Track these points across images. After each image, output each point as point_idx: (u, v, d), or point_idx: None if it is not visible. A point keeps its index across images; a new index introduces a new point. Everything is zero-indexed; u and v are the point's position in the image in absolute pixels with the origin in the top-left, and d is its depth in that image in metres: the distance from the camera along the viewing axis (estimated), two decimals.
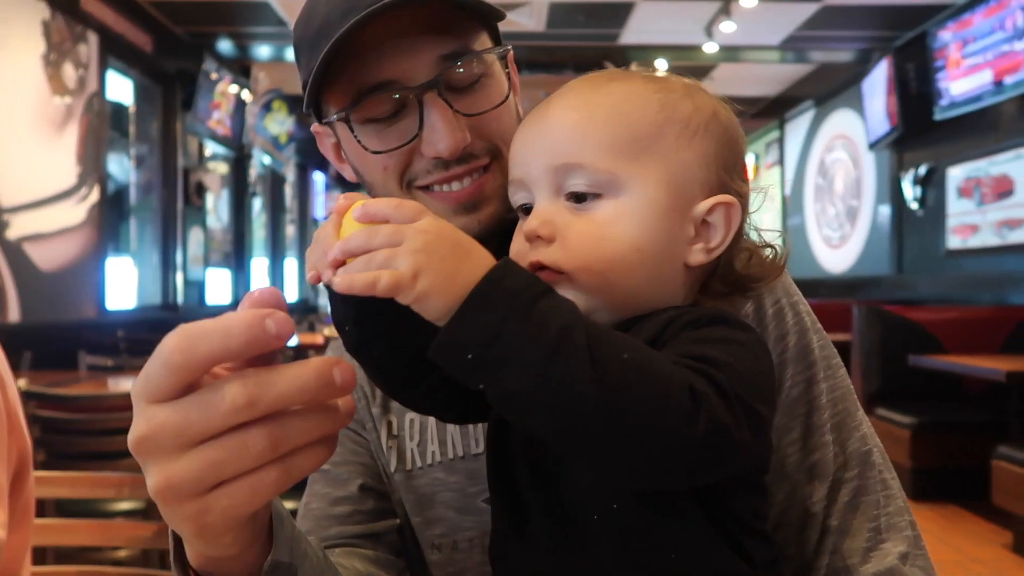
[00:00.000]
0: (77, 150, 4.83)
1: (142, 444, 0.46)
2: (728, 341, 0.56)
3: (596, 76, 0.66)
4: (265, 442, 0.45)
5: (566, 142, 0.61)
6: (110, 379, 3.43)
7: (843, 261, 7.89)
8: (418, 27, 0.72)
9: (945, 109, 5.70)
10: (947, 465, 4.17)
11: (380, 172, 0.77)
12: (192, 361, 0.45)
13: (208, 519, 0.47)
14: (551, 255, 0.60)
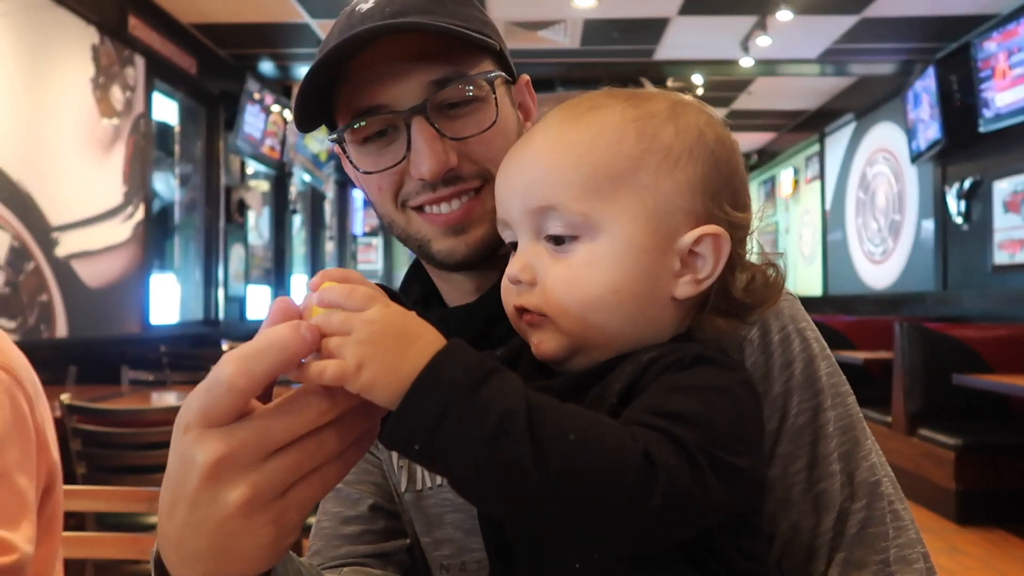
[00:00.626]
0: (124, 170, 4.98)
1: (221, 465, 0.49)
2: (708, 389, 0.55)
3: (574, 105, 0.65)
4: (337, 438, 0.50)
5: (540, 184, 0.61)
6: (152, 394, 3.52)
7: (885, 277, 7.73)
8: (410, 53, 0.75)
9: (990, 121, 5.57)
10: (993, 488, 4.04)
11: (376, 192, 0.80)
12: (256, 382, 0.49)
13: (289, 516, 0.50)
14: (532, 300, 0.61)
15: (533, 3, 5.53)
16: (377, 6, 0.76)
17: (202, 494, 0.49)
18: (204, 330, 6.15)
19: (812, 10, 5.51)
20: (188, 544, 0.51)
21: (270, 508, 0.50)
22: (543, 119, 0.66)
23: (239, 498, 0.49)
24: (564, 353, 0.62)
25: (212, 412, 0.49)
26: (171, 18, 5.63)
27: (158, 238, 5.98)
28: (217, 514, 0.49)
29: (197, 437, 0.49)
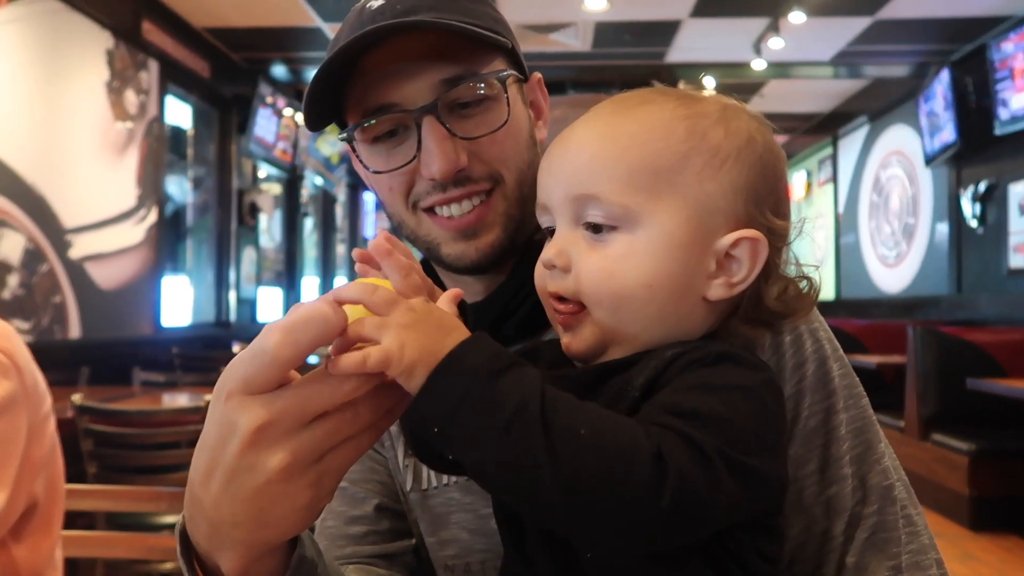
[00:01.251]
0: (137, 173, 5.02)
1: (263, 431, 0.50)
2: (730, 388, 0.54)
3: (626, 98, 0.65)
4: (371, 408, 0.52)
5: (584, 172, 0.61)
6: (163, 395, 3.54)
7: (899, 280, 7.67)
8: (421, 52, 0.74)
9: (1006, 124, 5.52)
10: (1008, 494, 3.99)
11: (387, 192, 0.80)
12: (300, 353, 0.50)
13: (324, 481, 0.52)
14: (566, 286, 0.61)
15: (544, 6, 5.54)
16: (388, 4, 0.75)
17: (242, 460, 0.50)
18: (216, 332, 6.18)
19: (825, 12, 5.48)
20: (224, 511, 0.52)
21: (308, 472, 0.51)
22: (593, 109, 0.66)
23: (279, 463, 0.50)
24: (594, 349, 0.62)
25: (255, 380, 0.51)
26: (184, 22, 5.67)
27: (171, 240, 6.01)
28: (257, 479, 0.50)
29: (239, 404, 0.51)
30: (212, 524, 0.53)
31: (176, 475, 2.67)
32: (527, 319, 0.80)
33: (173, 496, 1.39)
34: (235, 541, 0.53)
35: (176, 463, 2.71)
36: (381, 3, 0.75)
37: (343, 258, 10.07)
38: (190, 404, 2.73)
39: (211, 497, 0.52)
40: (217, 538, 0.54)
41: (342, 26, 0.79)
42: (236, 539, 0.53)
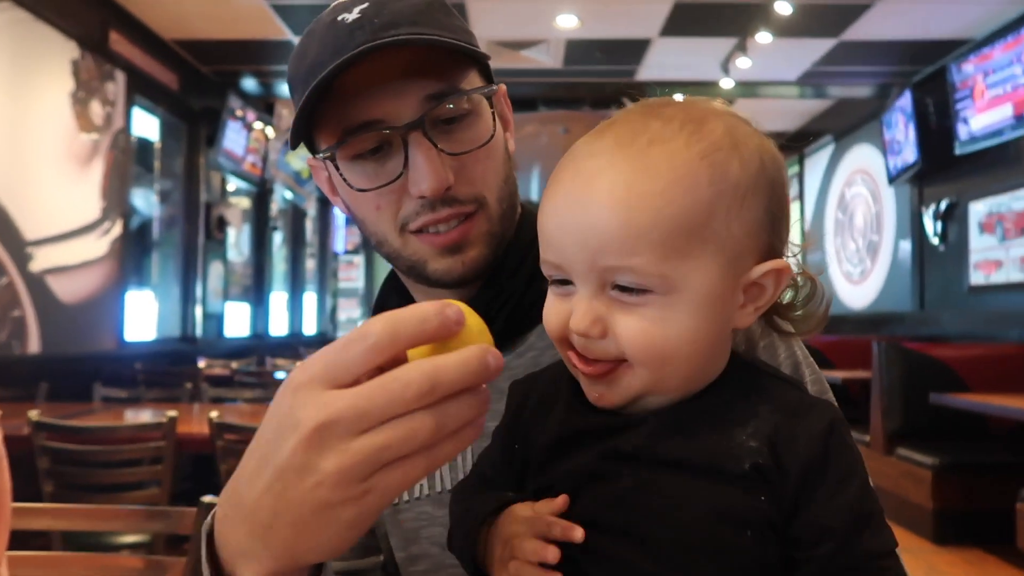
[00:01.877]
0: (102, 185, 4.94)
1: (324, 430, 0.48)
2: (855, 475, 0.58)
3: (633, 137, 0.59)
4: (431, 427, 0.48)
5: (614, 243, 0.57)
6: (126, 411, 3.46)
7: (864, 297, 7.80)
8: (404, 68, 0.73)
9: (966, 144, 5.66)
10: (971, 507, 4.05)
11: (373, 211, 0.78)
12: (398, 346, 0.48)
13: (369, 500, 0.49)
14: (606, 351, 0.58)
15: (516, 22, 5.58)
16: (365, 17, 0.74)
17: (296, 457, 0.48)
18: (181, 347, 6.08)
19: (791, 33, 5.59)
20: (264, 513, 0.50)
21: (356, 486, 0.48)
22: (595, 150, 0.60)
23: (332, 467, 0.48)
24: (631, 400, 0.60)
25: (339, 367, 0.48)
26: (153, 34, 5.62)
27: (136, 254, 5.92)
28: (306, 482, 0.48)
29: (306, 396, 0.48)
30: (249, 526, 0.51)
31: (139, 493, 2.61)
32: (504, 329, 0.80)
33: (130, 514, 1.35)
34: (265, 550, 0.51)
35: (138, 481, 2.65)
36: (356, 16, 0.74)
37: (312, 273, 9.99)
38: (153, 420, 2.67)
39: (254, 495, 0.50)
40: (249, 542, 0.51)
41: (309, 39, 0.78)
42: (267, 547, 0.51)
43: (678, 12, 5.33)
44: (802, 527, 0.56)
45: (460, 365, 0.48)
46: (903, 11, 5.25)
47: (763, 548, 0.56)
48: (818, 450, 0.57)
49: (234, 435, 2.56)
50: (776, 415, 0.58)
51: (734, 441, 0.58)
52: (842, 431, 0.59)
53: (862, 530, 0.56)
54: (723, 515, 0.56)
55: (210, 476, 2.86)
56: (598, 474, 0.59)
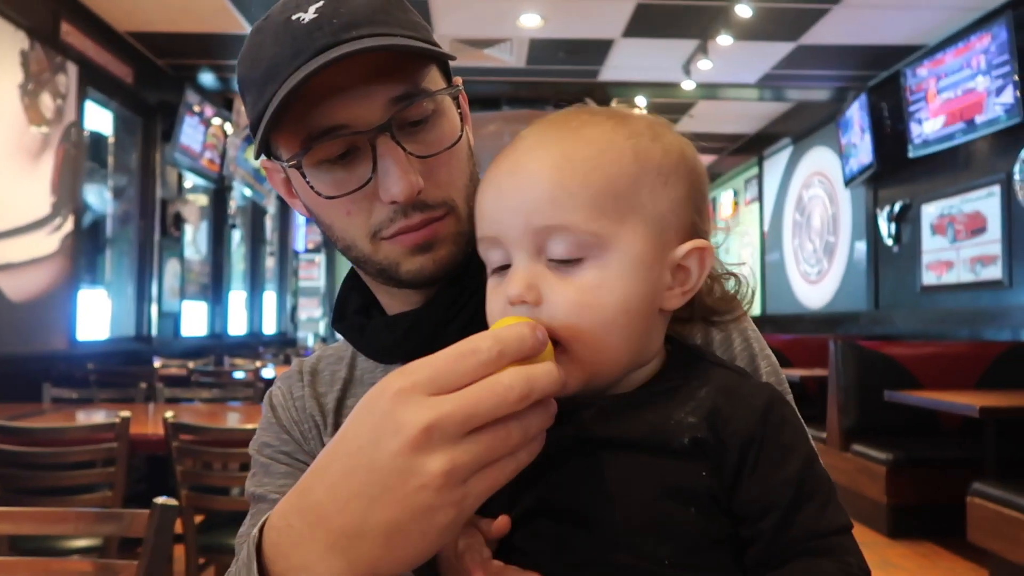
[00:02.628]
0: (52, 180, 4.80)
1: (432, 432, 0.48)
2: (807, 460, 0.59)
3: (564, 120, 0.65)
4: (520, 432, 0.51)
5: (547, 203, 0.60)
6: (77, 412, 3.37)
7: (821, 297, 7.95)
8: (368, 70, 0.71)
9: (919, 147, 5.80)
10: (924, 502, 4.15)
11: (343, 216, 0.76)
12: (503, 360, 0.51)
13: (466, 504, 0.50)
14: (541, 318, 0.59)
15: (479, 21, 5.56)
16: (322, 16, 0.71)
17: (400, 460, 0.49)
18: (136, 347, 5.94)
19: (751, 36, 5.66)
20: (352, 520, 0.49)
21: (458, 490, 0.49)
22: (530, 132, 0.65)
23: (439, 468, 0.48)
24: (575, 386, 0.60)
25: (448, 377, 0.50)
26: (107, 25, 5.48)
27: (88, 251, 5.76)
28: (410, 484, 0.48)
29: (409, 399, 0.49)
30: (329, 536, 0.50)
31: (91, 496, 2.54)
32: (468, 323, 0.79)
33: (80, 517, 1.31)
34: (343, 562, 0.50)
35: (90, 483, 2.57)
36: (313, 16, 0.72)
37: (272, 271, 9.85)
38: (105, 421, 2.59)
39: (340, 503, 0.50)
40: (321, 555, 0.50)
41: (260, 38, 0.74)
42: (348, 559, 0.50)
43: (640, 13, 5.37)
44: (745, 503, 0.57)
45: (547, 374, 0.52)
46: (859, 17, 5.36)
47: (708, 524, 0.57)
48: (756, 426, 0.58)
49: (190, 435, 2.50)
50: (715, 395, 0.60)
51: (673, 419, 0.60)
52: (782, 409, 0.60)
53: (803, 505, 0.56)
54: (667, 491, 0.58)
55: (165, 478, 2.80)
56: (546, 460, 0.60)
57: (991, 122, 5.06)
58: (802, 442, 0.60)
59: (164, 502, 1.24)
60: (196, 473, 2.53)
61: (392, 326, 0.79)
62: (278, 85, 0.71)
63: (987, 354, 4.55)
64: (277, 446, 0.84)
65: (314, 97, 0.70)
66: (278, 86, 0.71)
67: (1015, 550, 3.24)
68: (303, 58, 0.70)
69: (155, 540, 1.22)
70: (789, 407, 0.62)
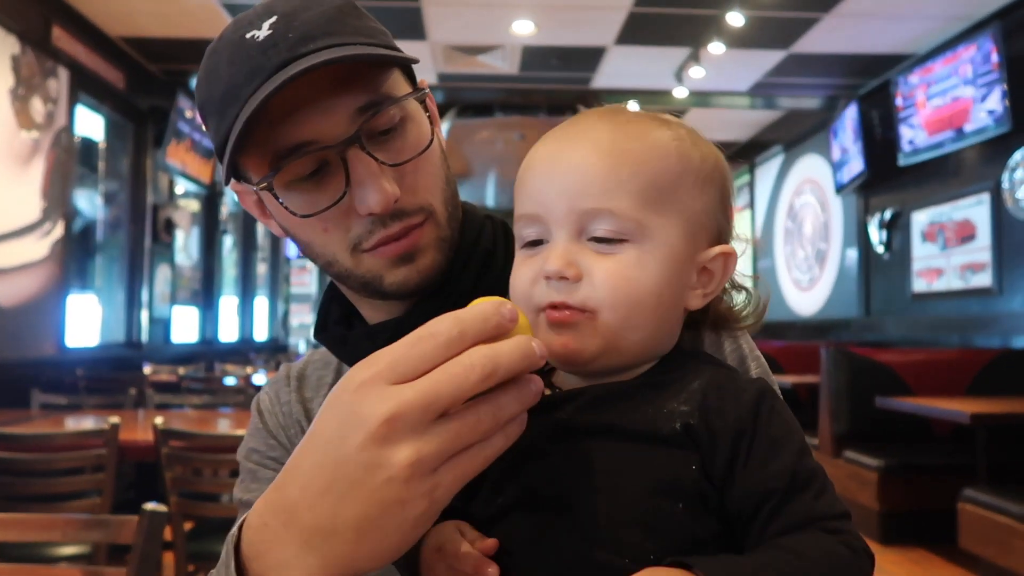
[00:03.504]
0: (43, 185, 4.78)
1: (391, 424, 0.47)
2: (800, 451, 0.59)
3: (611, 115, 0.67)
4: (491, 416, 0.49)
5: (596, 187, 0.62)
6: (66, 418, 3.34)
7: (812, 303, 7.97)
8: (329, 83, 0.70)
9: (909, 155, 5.83)
10: (915, 508, 4.15)
11: (320, 233, 0.75)
12: (464, 341, 0.49)
13: (437, 495, 0.49)
14: (578, 294, 0.61)
15: (472, 28, 5.57)
16: (276, 33, 0.70)
17: (364, 453, 0.47)
18: (126, 353, 5.91)
19: (743, 44, 5.69)
20: (323, 516, 0.48)
21: (428, 480, 0.48)
22: (576, 122, 0.66)
23: (405, 459, 0.47)
24: (591, 354, 0.62)
25: (407, 363, 0.49)
26: (98, 30, 5.47)
27: (79, 257, 5.74)
28: (376, 478, 0.47)
29: (369, 391, 0.48)
30: (303, 533, 0.49)
31: (79, 503, 2.52)
32: None
33: (68, 523, 1.29)
34: (317, 560, 0.49)
35: (79, 490, 2.55)
36: (267, 33, 0.70)
37: (264, 277, 9.83)
38: (94, 427, 2.57)
39: (311, 499, 0.49)
40: (296, 552, 0.49)
41: (215, 59, 0.72)
42: (321, 556, 0.49)
43: (633, 21, 5.39)
44: (739, 497, 0.57)
45: (515, 350, 0.50)
46: (849, 26, 5.40)
47: (695, 522, 0.57)
48: (748, 417, 0.59)
49: (180, 441, 2.48)
50: (707, 388, 0.61)
51: (665, 408, 0.60)
52: (772, 401, 0.61)
53: (797, 495, 0.56)
54: (656, 483, 0.57)
55: (154, 484, 2.78)
56: (533, 449, 0.60)
57: (980, 130, 5.10)
58: (794, 433, 0.60)
59: (153, 508, 1.23)
60: (186, 480, 2.51)
61: (373, 336, 0.78)
62: (239, 107, 0.69)
63: (977, 361, 4.57)
64: (264, 451, 0.83)
65: (277, 116, 0.69)
66: (239, 108, 0.69)
67: (1006, 556, 3.25)
68: (261, 77, 0.68)
69: (144, 547, 1.21)
70: (779, 400, 0.62)
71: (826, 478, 0.59)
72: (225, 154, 0.71)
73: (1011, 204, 4.92)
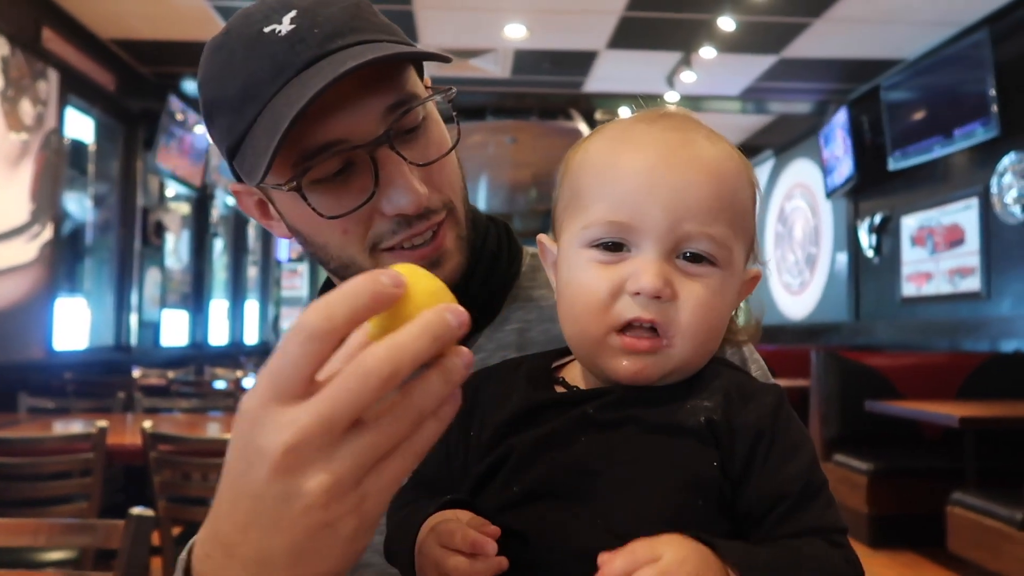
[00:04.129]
0: (31, 187, 4.75)
1: (293, 455, 0.43)
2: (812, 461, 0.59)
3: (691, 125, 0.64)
4: (412, 413, 0.45)
5: (703, 210, 0.60)
6: (54, 422, 3.32)
7: (803, 307, 8.00)
8: (359, 81, 0.68)
9: (898, 160, 5.86)
10: (904, 512, 4.17)
11: (339, 235, 0.73)
12: (335, 328, 0.43)
13: (367, 507, 0.45)
14: (666, 315, 0.59)
15: (464, 31, 5.58)
16: (303, 29, 0.68)
17: (272, 487, 0.44)
18: (115, 356, 5.87)
19: (734, 48, 5.71)
20: (253, 546, 0.45)
21: (349, 496, 0.44)
22: (674, 129, 0.63)
23: (318, 487, 0.43)
24: (658, 376, 0.61)
25: (285, 376, 0.43)
26: (89, 32, 5.44)
27: (68, 259, 5.70)
28: (292, 509, 0.44)
29: (263, 420, 0.43)
30: (240, 561, 0.46)
31: (67, 507, 2.50)
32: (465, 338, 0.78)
33: (54, 528, 1.28)
34: None
35: (67, 494, 2.53)
36: (290, 27, 0.68)
37: (255, 281, 9.79)
38: (83, 431, 2.56)
39: (238, 532, 0.46)
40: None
41: (229, 56, 0.70)
42: None
43: (625, 25, 5.40)
44: (753, 497, 0.57)
45: (420, 335, 0.44)
46: (840, 31, 5.42)
47: (711, 521, 0.57)
48: (768, 420, 0.59)
49: (168, 446, 2.47)
50: (729, 387, 0.61)
51: (688, 404, 0.60)
52: (789, 410, 0.61)
53: (810, 502, 0.57)
54: (679, 477, 0.57)
55: (143, 488, 2.76)
56: (555, 439, 0.59)
57: (969, 135, 5.13)
58: (808, 442, 0.61)
59: (140, 513, 1.22)
60: (174, 484, 2.50)
61: None
62: (260, 106, 0.67)
63: (966, 365, 4.59)
64: None
65: (307, 114, 0.66)
66: (259, 107, 0.67)
67: (995, 559, 3.26)
68: (288, 73, 0.67)
69: (131, 551, 1.20)
70: (792, 410, 0.63)
71: (831, 492, 0.60)
72: (268, 154, 0.67)
73: (999, 209, 4.95)
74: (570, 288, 0.63)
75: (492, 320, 0.83)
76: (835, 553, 0.56)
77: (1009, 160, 4.86)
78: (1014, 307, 4.87)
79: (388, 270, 0.45)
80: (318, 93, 0.64)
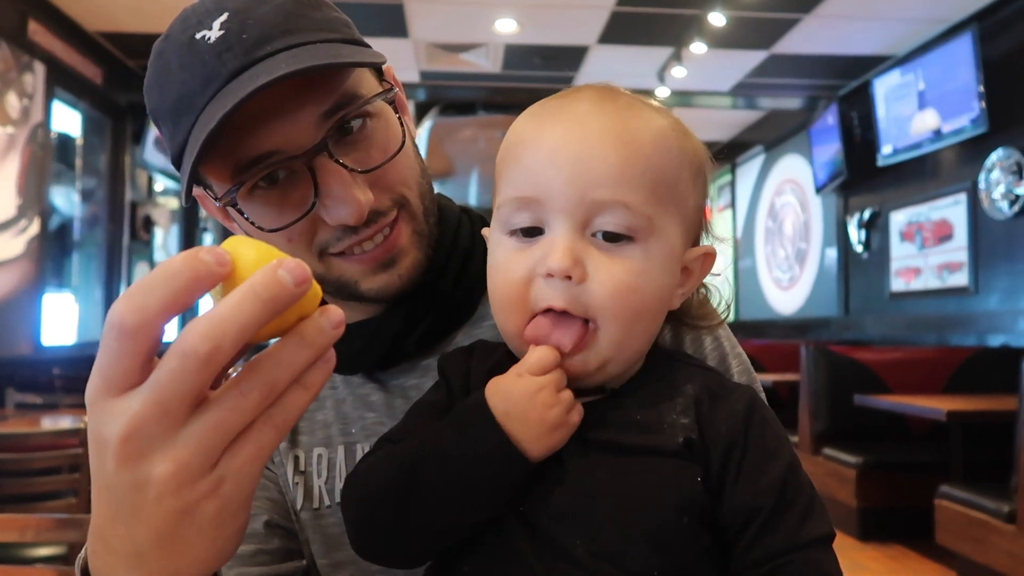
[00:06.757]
0: (17, 181, 4.70)
1: (131, 442, 0.42)
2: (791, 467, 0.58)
3: (610, 96, 0.62)
4: (259, 388, 0.42)
5: (611, 178, 0.57)
6: (42, 418, 3.29)
7: (793, 302, 8.03)
8: (291, 87, 0.65)
9: (887, 156, 5.89)
10: (893, 505, 4.19)
11: (284, 244, 0.71)
12: (150, 319, 0.41)
13: (227, 488, 0.43)
14: (581, 299, 0.57)
15: (455, 26, 5.56)
16: (229, 34, 0.65)
17: (122, 476, 0.42)
18: None
19: (725, 44, 5.72)
20: (122, 539, 0.44)
21: (203, 480, 0.42)
22: (581, 100, 0.61)
23: (163, 473, 0.42)
24: (592, 369, 0.59)
25: (110, 369, 0.42)
26: (76, 25, 5.39)
27: (55, 254, 5.66)
28: (144, 497, 0.42)
29: (101, 411, 0.43)
30: (117, 556, 0.45)
31: (55, 503, 2.48)
32: (427, 332, 0.77)
33: (42, 523, 1.27)
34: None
35: (55, 490, 2.52)
36: (219, 33, 0.65)
37: None
38: (71, 426, 2.54)
39: (109, 526, 0.45)
40: (128, 570, 0.46)
41: (163, 63, 0.68)
42: (148, 572, 0.45)
43: (616, 20, 5.40)
44: (730, 511, 0.56)
45: (239, 303, 0.41)
46: (830, 27, 5.44)
47: (696, 537, 0.56)
48: (739, 431, 0.58)
49: None
50: (700, 394, 0.60)
51: (666, 421, 0.58)
52: (763, 413, 0.60)
53: (785, 512, 0.55)
54: (665, 498, 0.56)
55: None
56: None
57: (957, 132, 5.15)
58: (784, 446, 0.59)
59: None
60: None
61: (347, 339, 0.77)
62: (193, 117, 0.65)
63: (954, 359, 4.62)
64: None
65: (238, 125, 0.64)
66: (193, 118, 0.65)
67: (982, 552, 3.29)
68: (216, 85, 0.64)
69: None
70: (768, 409, 0.61)
71: (813, 493, 0.58)
72: (186, 170, 0.66)
73: (987, 204, 4.98)
74: (491, 277, 0.62)
75: (470, 317, 0.81)
76: None
77: (997, 156, 4.89)
78: (1001, 302, 4.90)
79: (211, 247, 0.43)
80: (228, 113, 0.61)
